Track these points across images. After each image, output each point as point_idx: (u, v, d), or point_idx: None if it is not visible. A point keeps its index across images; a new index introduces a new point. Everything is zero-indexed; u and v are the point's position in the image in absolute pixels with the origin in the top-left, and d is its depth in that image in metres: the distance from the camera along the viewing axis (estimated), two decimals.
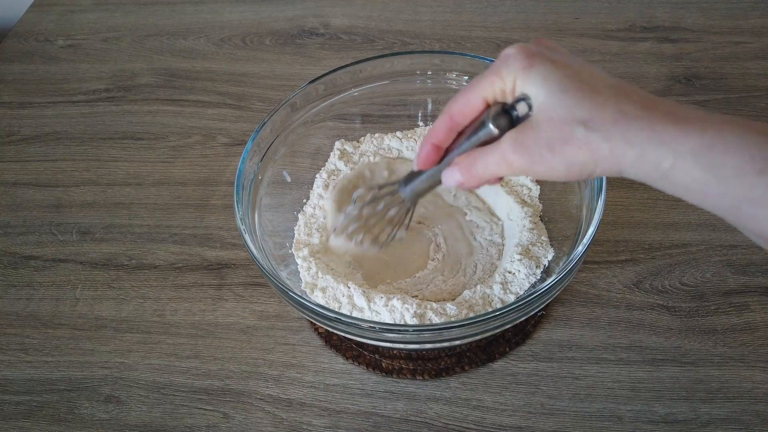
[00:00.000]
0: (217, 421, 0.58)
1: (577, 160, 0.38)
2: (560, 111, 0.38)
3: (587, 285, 0.64)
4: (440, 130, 0.45)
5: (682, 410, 0.55)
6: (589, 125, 0.37)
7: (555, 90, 0.38)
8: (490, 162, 0.42)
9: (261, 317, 0.64)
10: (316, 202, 0.66)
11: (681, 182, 0.36)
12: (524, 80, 0.39)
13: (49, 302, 0.67)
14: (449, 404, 0.57)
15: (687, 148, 0.35)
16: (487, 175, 0.43)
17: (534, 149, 0.39)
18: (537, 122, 0.39)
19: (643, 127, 0.36)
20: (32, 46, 0.97)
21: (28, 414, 0.59)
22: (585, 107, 0.37)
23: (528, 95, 0.39)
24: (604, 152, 0.37)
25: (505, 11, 0.96)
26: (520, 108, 0.40)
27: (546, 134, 0.38)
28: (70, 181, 0.78)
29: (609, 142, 0.37)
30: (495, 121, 0.41)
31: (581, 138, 0.37)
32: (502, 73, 0.40)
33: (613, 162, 0.37)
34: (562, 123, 0.38)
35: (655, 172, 0.36)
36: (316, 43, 0.93)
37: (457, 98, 0.44)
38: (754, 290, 0.62)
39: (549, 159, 0.39)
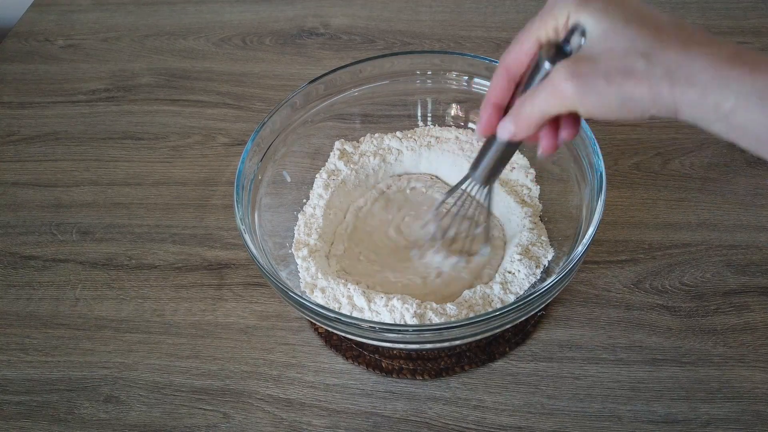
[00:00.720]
0: (217, 421, 0.58)
1: (634, 95, 0.36)
2: (621, 42, 0.36)
3: (587, 285, 0.64)
4: (498, 85, 0.42)
5: (682, 410, 0.55)
6: (651, 59, 0.35)
7: (616, 20, 0.36)
8: (539, 97, 0.39)
9: (261, 317, 0.64)
10: (316, 202, 0.66)
11: (741, 124, 0.35)
12: (580, 13, 0.37)
13: (49, 302, 0.67)
14: (449, 404, 0.57)
15: (752, 89, 0.34)
16: (536, 113, 0.40)
17: (590, 78, 0.37)
18: (595, 52, 0.37)
19: (706, 66, 0.35)
20: (32, 46, 0.97)
21: (28, 414, 0.59)
22: (647, 41, 0.36)
23: (583, 25, 0.37)
24: (664, 89, 0.35)
25: (505, 11, 0.96)
26: (574, 40, 0.38)
27: (604, 64, 0.36)
28: (70, 181, 0.78)
29: (671, 79, 0.35)
30: (549, 58, 0.39)
31: (642, 71, 0.36)
32: (555, 11, 0.39)
33: (671, 101, 0.36)
34: (623, 54, 0.36)
35: (715, 113, 0.35)
36: (316, 43, 0.93)
37: (510, 48, 0.42)
38: (754, 290, 0.62)
39: (605, 90, 0.36)
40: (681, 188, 0.71)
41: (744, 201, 0.69)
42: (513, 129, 0.42)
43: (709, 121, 0.36)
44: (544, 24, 0.40)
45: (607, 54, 0.36)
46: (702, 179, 0.72)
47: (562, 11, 0.38)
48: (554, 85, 0.38)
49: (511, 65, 0.42)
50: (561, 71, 0.38)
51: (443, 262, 0.61)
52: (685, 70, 0.35)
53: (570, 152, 0.61)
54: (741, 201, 0.69)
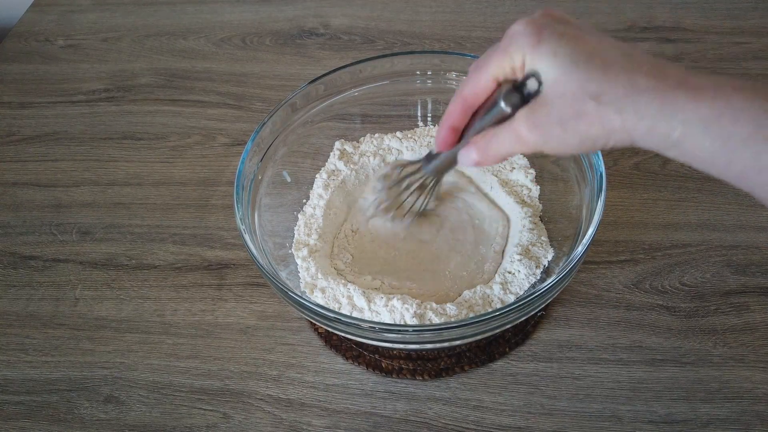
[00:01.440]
0: (216, 421, 0.58)
1: (590, 135, 0.38)
2: (571, 86, 0.38)
3: (587, 285, 0.64)
4: (455, 112, 0.45)
5: (682, 410, 0.55)
6: (600, 99, 0.37)
7: (565, 65, 0.38)
8: (504, 141, 0.42)
9: (261, 317, 0.64)
10: (316, 202, 0.66)
11: (690, 151, 0.36)
12: (533, 57, 0.39)
13: (49, 302, 0.67)
14: (449, 404, 0.57)
15: (696, 117, 0.35)
16: (502, 153, 0.43)
17: (547, 126, 0.39)
18: (549, 99, 0.39)
19: (653, 98, 0.36)
20: (32, 46, 0.97)
21: (28, 414, 0.59)
22: (596, 81, 0.37)
23: (537, 71, 0.39)
24: (616, 125, 0.37)
25: (505, 11, 0.96)
26: (530, 85, 0.40)
27: (558, 111, 0.38)
28: (70, 181, 0.78)
29: (621, 115, 0.37)
30: (506, 100, 0.41)
31: (593, 113, 0.37)
32: (510, 50, 0.40)
33: (625, 134, 0.38)
34: (574, 98, 0.38)
35: (666, 141, 0.37)
36: (316, 43, 0.93)
37: (468, 80, 0.44)
38: (754, 290, 0.62)
39: (562, 135, 0.39)
40: (681, 188, 0.71)
41: (744, 201, 0.69)
42: (478, 159, 0.45)
43: (663, 148, 0.38)
44: (500, 63, 0.41)
45: (559, 100, 0.38)
46: (702, 179, 0.71)
47: (518, 53, 0.40)
48: (517, 134, 0.41)
49: (468, 97, 0.44)
50: (521, 122, 0.41)
51: (423, 230, 0.63)
52: (633, 105, 0.37)
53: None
54: (741, 201, 0.69)
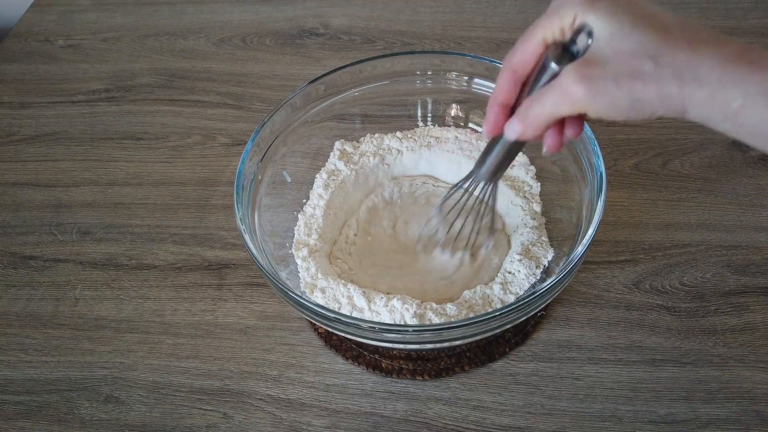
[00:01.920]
0: (216, 421, 0.58)
1: (643, 97, 0.37)
2: (629, 44, 0.36)
3: (587, 285, 0.64)
4: (503, 86, 0.43)
5: (682, 410, 0.55)
6: (659, 61, 0.36)
7: (624, 23, 0.37)
8: (548, 99, 0.39)
9: (261, 317, 0.64)
10: (316, 202, 0.66)
11: (749, 123, 0.36)
12: (587, 14, 0.38)
13: (49, 302, 0.67)
14: (449, 404, 0.57)
15: (759, 89, 0.35)
16: (545, 115, 0.40)
17: (598, 80, 0.37)
18: (603, 54, 0.37)
19: (714, 66, 0.35)
20: (32, 46, 0.97)
21: (28, 414, 0.59)
22: (655, 42, 0.36)
23: (589, 25, 0.37)
24: (673, 90, 0.36)
25: (505, 11, 0.96)
26: (580, 40, 0.38)
27: (613, 67, 0.37)
28: (70, 181, 0.78)
29: (679, 80, 0.36)
30: (556, 59, 0.39)
31: (650, 73, 0.36)
32: (561, 11, 0.39)
33: (680, 101, 0.36)
34: (631, 56, 0.36)
35: (722, 113, 0.36)
36: (316, 43, 0.93)
37: (515, 48, 0.42)
38: (754, 290, 0.62)
39: (614, 92, 0.37)
40: (681, 188, 0.71)
41: (744, 201, 0.69)
42: (520, 129, 0.42)
43: (717, 120, 0.36)
44: (550, 24, 0.39)
45: (615, 56, 0.37)
46: (702, 179, 0.72)
47: (569, 12, 0.38)
48: (564, 87, 0.38)
49: (517, 66, 0.42)
50: (570, 74, 0.38)
51: (449, 259, 0.61)
52: (693, 70, 0.35)
53: (570, 152, 0.61)
54: (741, 201, 0.69)
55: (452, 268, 0.61)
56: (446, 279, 0.61)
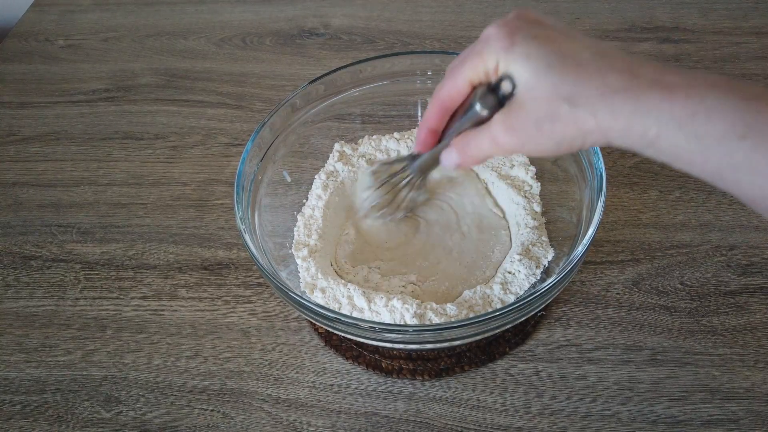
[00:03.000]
0: (217, 421, 0.58)
1: (565, 137, 0.39)
2: (545, 89, 0.38)
3: (587, 285, 0.64)
4: (433, 114, 0.46)
5: (682, 410, 0.55)
6: (574, 101, 0.37)
7: (539, 68, 0.38)
8: (482, 143, 0.43)
9: (261, 317, 0.64)
10: (315, 203, 0.66)
11: (667, 150, 0.37)
12: (507, 60, 0.39)
13: (49, 302, 0.67)
14: (449, 404, 0.57)
15: (670, 116, 0.35)
16: (482, 155, 0.44)
17: (522, 130, 0.40)
18: (523, 101, 0.39)
19: (627, 98, 0.36)
20: (32, 46, 0.97)
21: (28, 414, 0.59)
22: (569, 83, 0.37)
23: (511, 74, 0.39)
24: (591, 126, 0.37)
25: (505, 11, 0.95)
26: (504, 87, 0.40)
27: (533, 114, 0.39)
28: (70, 181, 0.78)
29: (595, 117, 0.37)
30: (482, 102, 0.42)
31: (567, 115, 0.38)
32: (484, 54, 0.41)
33: (600, 134, 0.38)
34: (548, 101, 0.38)
35: (642, 140, 0.37)
36: (316, 43, 0.93)
37: (443, 84, 0.44)
38: (754, 290, 0.62)
39: (538, 138, 0.39)
40: (681, 188, 0.71)
41: None
42: (459, 161, 0.45)
43: (640, 147, 0.38)
44: (475, 66, 0.41)
45: (533, 102, 0.39)
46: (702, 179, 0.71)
47: (491, 56, 0.40)
48: (494, 137, 0.41)
49: (445, 101, 0.45)
50: (497, 126, 0.41)
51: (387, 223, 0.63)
52: (608, 106, 0.37)
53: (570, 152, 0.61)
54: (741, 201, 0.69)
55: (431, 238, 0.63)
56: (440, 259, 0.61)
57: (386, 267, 0.62)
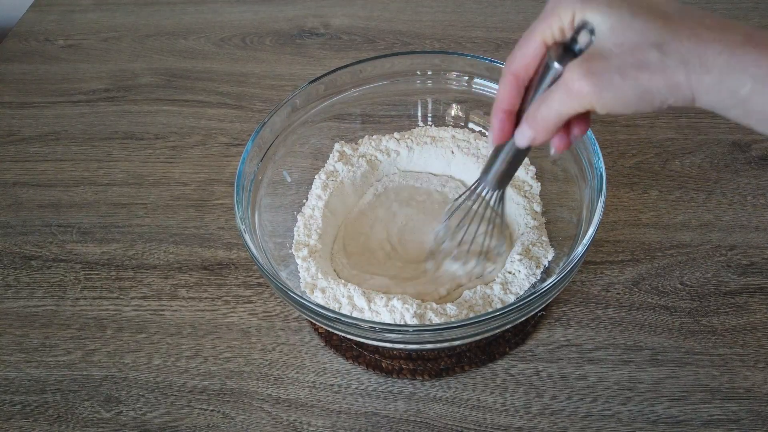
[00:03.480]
0: (217, 421, 0.58)
1: (651, 87, 0.36)
2: (631, 35, 0.36)
3: (587, 285, 0.64)
4: (506, 92, 0.42)
5: (682, 410, 0.55)
6: (663, 49, 0.35)
7: (623, 14, 0.36)
8: (554, 99, 0.39)
9: (261, 317, 0.64)
10: (314, 203, 0.66)
11: (759, 109, 0.35)
12: (585, 10, 0.37)
13: (49, 302, 0.67)
14: (449, 404, 0.57)
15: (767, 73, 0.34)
16: (553, 115, 0.39)
17: (603, 75, 0.36)
18: (605, 48, 0.37)
19: (721, 50, 0.34)
20: (32, 46, 0.97)
21: (28, 414, 0.59)
22: (658, 31, 0.35)
23: (589, 22, 0.37)
24: (680, 78, 0.35)
25: (505, 11, 0.96)
26: (582, 38, 0.37)
27: (617, 59, 0.36)
28: (70, 181, 0.78)
29: (686, 67, 0.35)
30: (558, 58, 0.38)
31: (656, 62, 0.35)
32: (559, 10, 0.38)
33: (688, 89, 0.36)
34: (635, 47, 0.36)
35: (731, 98, 0.35)
36: (316, 43, 0.93)
37: (514, 53, 0.41)
38: (754, 290, 0.62)
39: (620, 85, 0.36)
40: (681, 188, 0.71)
41: (744, 201, 0.69)
42: (532, 134, 0.41)
43: (726, 106, 0.36)
44: (549, 25, 0.39)
45: (618, 49, 0.36)
46: (702, 179, 0.72)
47: (567, 10, 0.38)
48: (569, 85, 0.38)
49: (519, 70, 0.41)
50: (574, 71, 0.37)
51: (461, 268, 0.60)
52: (699, 57, 0.35)
53: (570, 152, 0.61)
54: (741, 201, 0.69)
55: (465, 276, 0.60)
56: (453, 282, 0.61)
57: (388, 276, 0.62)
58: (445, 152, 0.69)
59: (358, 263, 0.63)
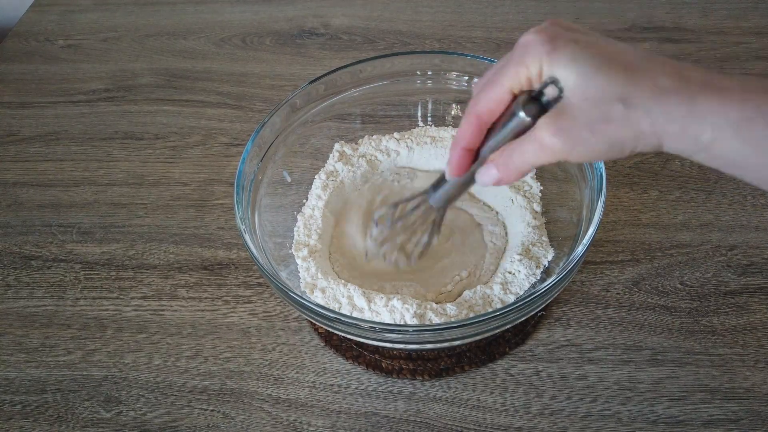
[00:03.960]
0: (217, 421, 0.58)
1: (618, 139, 0.37)
2: (596, 90, 0.37)
3: (587, 285, 0.64)
4: (468, 131, 0.43)
5: (682, 411, 0.55)
6: (628, 102, 0.36)
7: (587, 69, 0.37)
8: (527, 151, 0.40)
9: (261, 317, 0.64)
10: (314, 203, 0.66)
11: (720, 155, 0.36)
12: (551, 64, 0.38)
13: (49, 302, 0.67)
14: (449, 404, 0.57)
15: (726, 121, 0.35)
16: (526, 165, 0.41)
17: (573, 131, 0.38)
18: (572, 104, 0.38)
19: (681, 100, 0.36)
20: (32, 46, 0.97)
21: (28, 414, 0.59)
22: (620, 84, 0.36)
23: (557, 78, 0.38)
24: (646, 127, 0.36)
25: (505, 11, 0.96)
26: (549, 92, 0.38)
27: (584, 115, 0.37)
28: (70, 181, 0.78)
29: (650, 118, 0.36)
30: (526, 109, 0.39)
31: (621, 115, 0.36)
32: (526, 60, 0.39)
33: (654, 138, 0.37)
34: (600, 102, 0.37)
35: (695, 145, 0.36)
36: (316, 43, 0.93)
37: (480, 96, 0.42)
38: (754, 291, 0.62)
39: (589, 140, 0.38)
40: (681, 188, 0.71)
41: (744, 201, 0.69)
42: (499, 177, 0.43)
43: (691, 152, 0.37)
44: (516, 73, 0.40)
45: (584, 103, 0.37)
46: (702, 179, 0.72)
47: (533, 61, 0.39)
48: (541, 141, 0.39)
49: (483, 113, 0.42)
50: (545, 129, 0.39)
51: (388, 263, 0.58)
52: (662, 107, 0.36)
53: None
54: (741, 201, 0.69)
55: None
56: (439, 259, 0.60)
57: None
58: (445, 152, 0.69)
59: (352, 262, 0.63)
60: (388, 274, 0.61)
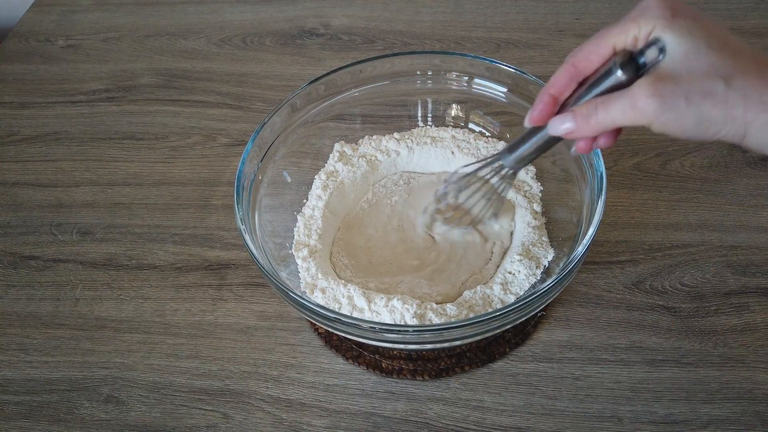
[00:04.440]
0: (217, 421, 0.58)
1: (710, 117, 0.38)
2: (704, 64, 0.38)
3: (587, 285, 0.64)
4: (561, 78, 0.43)
5: (682, 411, 0.55)
6: (730, 83, 0.37)
7: (701, 44, 0.38)
8: (615, 108, 0.40)
9: (261, 317, 0.64)
10: (314, 203, 0.66)
11: None
12: (665, 29, 0.39)
13: (49, 302, 0.67)
14: (449, 404, 0.57)
15: None
16: (608, 121, 0.41)
17: (669, 97, 0.38)
18: (676, 71, 0.38)
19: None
20: (32, 46, 0.97)
21: (28, 414, 0.59)
22: (728, 65, 0.38)
23: (664, 43, 0.39)
24: (738, 112, 0.37)
25: (505, 11, 0.96)
26: (650, 54, 0.39)
27: (686, 85, 0.38)
28: (70, 181, 0.78)
29: (745, 103, 0.37)
30: (623, 67, 0.40)
31: (721, 94, 0.37)
32: (641, 20, 0.40)
33: (742, 124, 0.38)
34: (704, 76, 0.38)
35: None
36: (317, 43, 0.93)
37: (582, 46, 0.43)
38: (754, 291, 0.62)
39: (682, 110, 0.38)
40: (681, 188, 0.71)
41: (744, 201, 0.69)
42: (574, 128, 0.42)
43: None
44: (625, 31, 0.40)
45: (688, 75, 0.38)
46: (702, 179, 0.72)
47: (648, 23, 0.39)
48: (634, 99, 0.39)
49: (580, 63, 0.43)
50: (643, 87, 0.39)
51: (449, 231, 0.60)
52: (759, 95, 0.37)
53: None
54: (741, 201, 0.69)
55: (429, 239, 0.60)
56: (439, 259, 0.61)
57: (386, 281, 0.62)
58: (445, 152, 0.69)
59: (362, 261, 0.63)
60: (397, 272, 0.61)
